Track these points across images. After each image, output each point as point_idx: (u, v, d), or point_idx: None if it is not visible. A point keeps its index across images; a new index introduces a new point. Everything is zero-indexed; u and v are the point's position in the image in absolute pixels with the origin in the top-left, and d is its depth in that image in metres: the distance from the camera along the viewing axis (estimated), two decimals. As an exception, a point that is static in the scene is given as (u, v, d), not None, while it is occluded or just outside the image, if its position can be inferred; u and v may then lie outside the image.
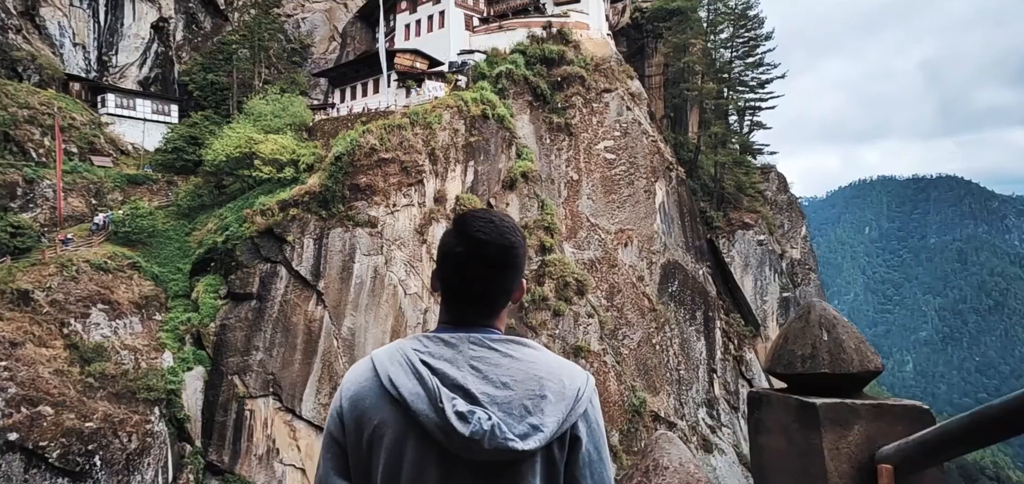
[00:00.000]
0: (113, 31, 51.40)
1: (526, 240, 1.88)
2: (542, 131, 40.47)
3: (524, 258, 1.80)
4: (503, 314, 1.82)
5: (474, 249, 1.72)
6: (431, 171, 34.10)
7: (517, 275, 1.78)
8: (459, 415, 1.53)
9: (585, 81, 41.84)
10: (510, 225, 1.78)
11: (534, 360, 1.68)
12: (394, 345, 1.74)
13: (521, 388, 1.60)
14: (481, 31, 46.05)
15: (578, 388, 1.65)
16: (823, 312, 2.95)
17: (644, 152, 42.97)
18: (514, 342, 1.72)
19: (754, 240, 50.58)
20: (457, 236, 1.75)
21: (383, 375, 1.65)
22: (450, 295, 1.78)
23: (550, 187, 40.02)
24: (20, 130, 39.79)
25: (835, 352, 2.74)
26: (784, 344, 2.94)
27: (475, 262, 1.71)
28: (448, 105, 35.74)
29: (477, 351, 1.67)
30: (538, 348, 1.74)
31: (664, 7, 53.15)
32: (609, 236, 40.74)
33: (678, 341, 42.23)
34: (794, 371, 2.84)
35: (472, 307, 1.76)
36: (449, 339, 1.70)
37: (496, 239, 1.72)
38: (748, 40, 53.64)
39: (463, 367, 1.64)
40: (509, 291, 1.79)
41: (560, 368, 1.68)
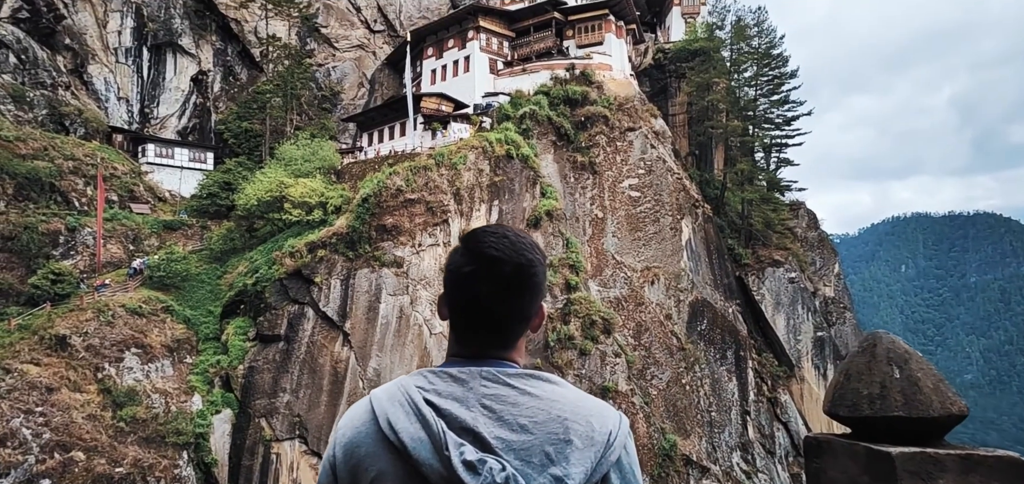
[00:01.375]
0: (155, 85, 53.73)
1: (546, 259, 1.62)
2: (566, 170, 40.59)
3: (544, 278, 1.59)
4: (521, 344, 1.60)
5: (485, 268, 1.48)
6: (456, 210, 34.34)
7: (536, 298, 1.55)
8: (467, 465, 1.30)
9: (608, 120, 42.05)
10: (528, 242, 1.56)
11: (558, 398, 1.44)
12: (396, 383, 1.52)
13: (542, 432, 1.37)
14: (505, 74, 46.88)
15: (610, 432, 1.41)
16: (892, 345, 2.56)
17: (669, 189, 42.70)
18: (535, 377, 1.49)
19: (785, 277, 49.41)
20: (466, 254, 1.53)
21: (381, 418, 1.43)
22: (460, 322, 1.55)
23: (575, 225, 39.90)
24: (65, 181, 41.43)
25: (910, 392, 2.36)
26: (846, 382, 2.58)
27: (487, 283, 1.48)
28: (473, 146, 36.19)
29: (491, 388, 1.45)
30: (562, 384, 1.51)
31: (686, 48, 53.48)
32: (635, 274, 40.25)
33: (709, 382, 41.07)
34: (860, 413, 2.47)
35: (485, 336, 1.53)
36: (458, 374, 1.48)
37: (511, 256, 1.49)
38: (772, 78, 53.47)
39: (474, 407, 1.41)
40: (527, 317, 1.55)
41: (589, 408, 1.44)
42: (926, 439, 2.41)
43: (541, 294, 1.58)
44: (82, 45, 49.88)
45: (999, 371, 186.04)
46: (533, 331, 1.63)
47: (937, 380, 2.45)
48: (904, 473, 2.21)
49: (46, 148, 41.67)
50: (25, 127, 43.07)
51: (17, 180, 38.29)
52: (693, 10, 59.77)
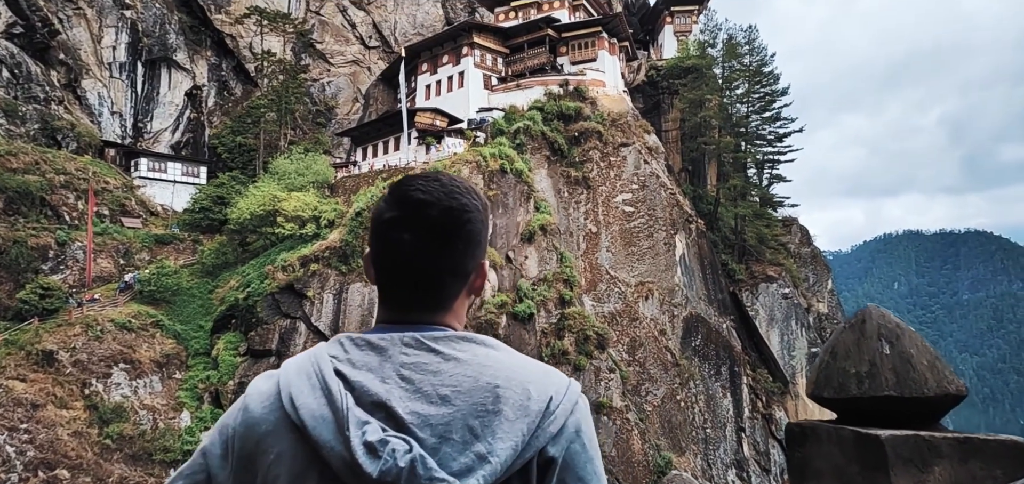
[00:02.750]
0: (149, 99, 53.65)
1: (487, 209, 1.39)
2: (560, 185, 40.67)
3: (483, 229, 1.34)
4: (459, 307, 1.36)
5: (410, 212, 1.27)
6: (450, 226, 34.25)
7: (473, 250, 1.31)
8: (368, 447, 1.09)
9: (602, 136, 42.25)
10: (464, 186, 1.33)
11: (491, 363, 1.21)
12: (310, 352, 1.30)
13: (466, 402, 1.15)
14: (499, 90, 47.11)
15: (549, 398, 1.19)
16: (883, 320, 2.30)
17: (663, 204, 42.82)
18: (466, 339, 1.26)
19: (778, 293, 49.50)
20: (389, 198, 1.31)
21: (284, 392, 1.22)
22: (384, 281, 1.32)
23: (569, 240, 39.88)
24: (55, 195, 41.11)
25: (902, 370, 2.13)
26: (832, 361, 2.31)
27: (412, 230, 1.26)
28: (467, 160, 36.22)
29: (411, 355, 1.22)
30: (500, 347, 1.27)
31: (679, 65, 53.97)
32: (629, 289, 40.20)
33: (704, 398, 40.89)
34: (847, 394, 2.22)
35: (411, 295, 1.30)
36: (376, 341, 1.25)
37: (441, 199, 1.27)
38: (764, 95, 53.97)
39: (390, 378, 1.20)
40: (463, 272, 1.32)
41: (528, 373, 1.22)
42: (920, 422, 2.21)
43: (480, 247, 1.34)
44: (76, 60, 49.84)
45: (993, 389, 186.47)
46: (475, 294, 1.40)
47: (932, 357, 2.24)
48: (896, 459, 1.99)
49: (37, 162, 41.42)
50: (16, 141, 42.83)
51: (7, 194, 38.00)
52: (685, 29, 60.44)
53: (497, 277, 35.67)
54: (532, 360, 1.29)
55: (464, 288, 1.35)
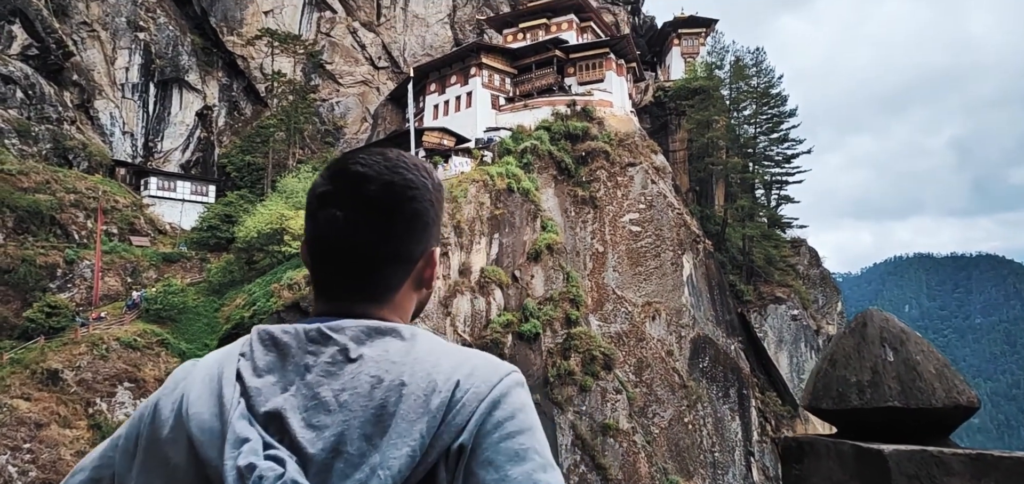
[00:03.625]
0: (160, 119, 54.36)
1: (442, 191, 1.22)
2: (567, 204, 40.64)
3: (432, 210, 1.16)
4: (403, 301, 1.17)
5: (346, 186, 1.11)
6: (456, 243, 34.23)
7: (418, 232, 1.14)
8: (238, 473, 0.92)
9: (609, 155, 42.29)
10: (411, 162, 1.15)
11: (399, 358, 1.03)
12: (229, 346, 1.14)
13: (364, 406, 0.98)
14: (507, 110, 47.37)
15: (454, 384, 1.00)
16: (885, 324, 2.14)
17: (670, 224, 42.65)
18: (376, 331, 1.07)
19: (787, 315, 48.97)
20: (326, 173, 1.15)
21: (184, 394, 1.06)
22: (314, 266, 1.15)
23: (575, 259, 39.73)
24: (65, 214, 41.48)
25: (907, 378, 1.96)
26: (830, 369, 2.14)
27: (347, 206, 1.09)
28: (474, 179, 36.30)
29: (315, 353, 1.04)
30: (420, 338, 1.08)
31: (686, 86, 54.11)
32: (636, 309, 39.90)
33: (712, 420, 40.28)
34: (847, 405, 2.04)
35: (344, 283, 1.13)
36: (281, 336, 1.07)
37: (381, 173, 1.11)
38: (772, 116, 53.94)
39: (292, 383, 1.02)
40: (406, 258, 1.14)
41: (438, 361, 1.03)
42: (927, 435, 2.03)
43: (427, 231, 1.15)
44: (89, 81, 50.64)
45: (1007, 415, 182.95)
46: (426, 288, 1.21)
47: (941, 364, 2.07)
48: (900, 476, 1.81)
49: (48, 181, 41.88)
50: (29, 161, 43.37)
51: (17, 213, 38.36)
52: (692, 51, 60.71)
53: (503, 296, 35.51)
54: (456, 349, 1.08)
55: (408, 278, 1.16)
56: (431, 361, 1.03)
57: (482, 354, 1.10)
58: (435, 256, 1.20)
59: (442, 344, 1.10)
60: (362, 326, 1.07)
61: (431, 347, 1.07)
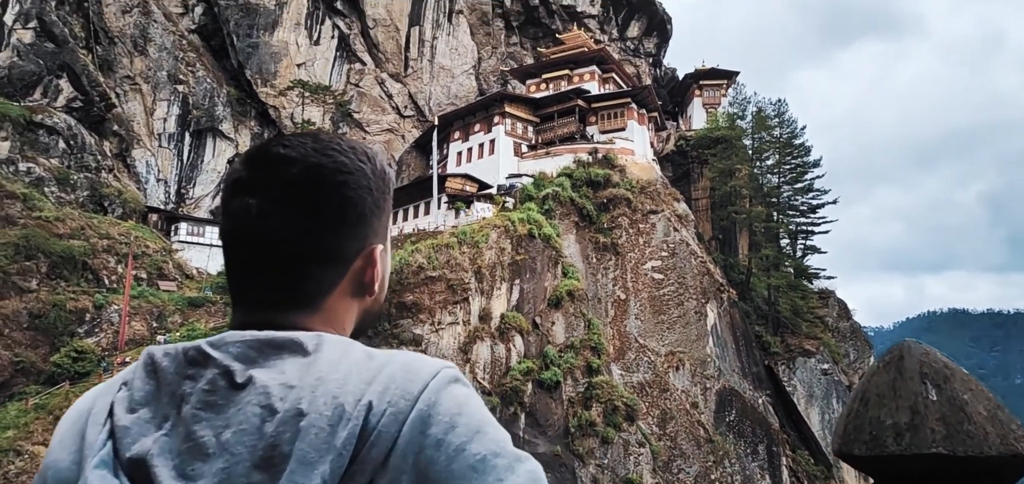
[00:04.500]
0: (193, 167, 56.18)
1: (387, 179, 1.03)
2: (588, 250, 40.45)
3: (371, 200, 0.97)
4: (333, 305, 0.96)
5: (265, 171, 0.93)
6: (477, 289, 34.13)
7: (351, 226, 0.95)
8: None
9: (631, 203, 42.24)
10: (344, 144, 0.97)
11: (293, 379, 0.82)
12: (117, 375, 0.94)
13: (250, 447, 0.77)
14: (529, 156, 47.92)
15: (367, 407, 0.80)
16: (926, 357, 1.89)
17: (693, 273, 42.06)
18: (271, 346, 0.86)
19: (817, 368, 47.39)
20: (242, 158, 0.97)
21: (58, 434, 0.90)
22: (229, 267, 0.97)
23: (597, 307, 39.25)
24: (97, 259, 42.48)
25: (954, 421, 1.70)
26: (863, 409, 1.88)
27: (261, 194, 0.91)
28: (495, 225, 36.46)
29: (192, 380, 0.83)
30: (321, 347, 0.86)
31: (708, 135, 54.28)
32: (659, 358, 39.02)
33: (740, 478, 38.63)
34: (883, 451, 1.76)
35: (260, 286, 0.93)
36: (161, 360, 0.86)
37: (306, 154, 0.92)
38: (795, 167, 53.62)
39: (166, 420, 0.83)
40: (335, 256, 0.95)
41: (346, 379, 0.82)
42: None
43: (364, 224, 0.96)
44: (128, 131, 52.78)
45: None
46: (368, 294, 1.01)
47: (993, 406, 1.79)
48: None
49: (83, 228, 43.10)
50: (66, 208, 44.81)
51: (52, 259, 39.35)
52: (714, 101, 61.16)
53: (523, 343, 35.07)
54: (379, 356, 0.86)
55: (341, 280, 0.96)
56: (337, 379, 0.81)
57: (402, 356, 0.87)
58: (376, 255, 0.99)
59: (354, 352, 0.86)
60: (251, 340, 0.85)
61: (338, 359, 0.84)
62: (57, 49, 48.55)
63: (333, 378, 0.81)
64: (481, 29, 62.00)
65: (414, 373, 0.83)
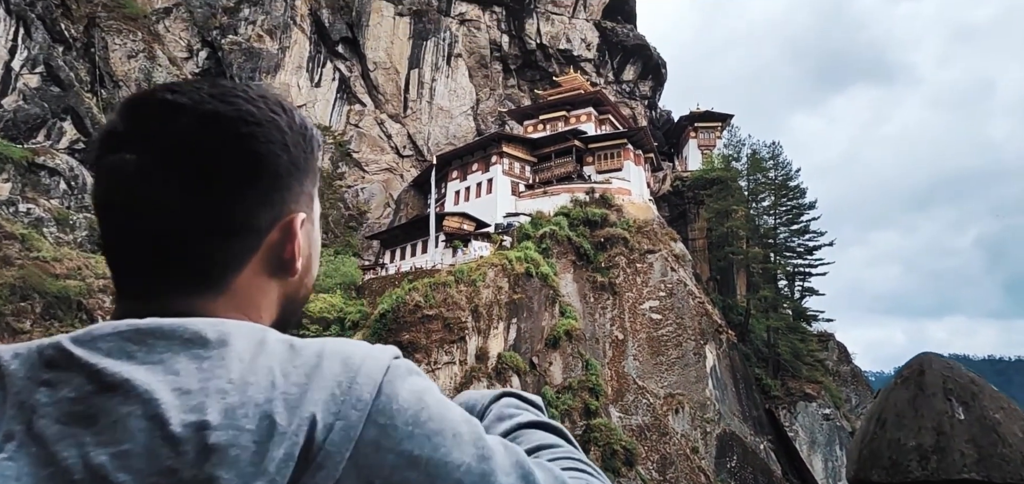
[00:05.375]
0: (191, 203, 56.36)
1: (310, 135, 0.82)
2: (586, 289, 40.29)
3: (289, 158, 0.77)
4: (243, 286, 0.77)
5: (146, 121, 0.72)
6: (474, 328, 33.80)
7: (264, 188, 0.75)
8: None
9: (628, 242, 42.30)
10: (252, 92, 0.77)
11: (190, 381, 0.62)
12: None
13: (134, 471, 0.57)
14: (526, 196, 48.18)
15: (310, 418, 0.62)
16: (950, 372, 1.73)
17: (691, 313, 41.81)
18: (156, 335, 0.65)
19: (818, 413, 46.70)
20: (119, 107, 0.77)
21: None
22: (105, 248, 0.76)
23: (595, 347, 38.86)
24: (92, 299, 42.07)
25: (985, 443, 1.52)
26: (880, 431, 1.69)
27: (144, 149, 0.71)
28: (492, 263, 36.36)
29: (50, 387, 0.62)
30: (227, 340, 0.66)
31: (704, 176, 54.73)
32: (658, 401, 38.45)
33: (743, 526, 37.61)
34: (907, 477, 1.57)
35: (148, 266, 0.73)
36: (11, 363, 0.65)
37: (200, 102, 0.73)
38: (791, 208, 53.91)
39: (11, 439, 0.60)
40: (243, 225, 0.75)
41: (271, 380, 0.64)
42: None
43: (280, 187, 0.77)
44: (129, 165, 53.04)
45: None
46: (288, 273, 0.81)
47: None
48: None
49: (80, 267, 42.85)
50: (64, 248, 44.69)
51: (46, 299, 39.07)
52: (709, 143, 61.89)
53: (520, 383, 34.54)
54: (306, 348, 0.67)
55: (252, 255, 0.76)
56: (259, 382, 0.62)
57: (337, 347, 0.68)
58: (296, 226, 0.79)
59: (271, 344, 0.67)
60: (127, 331, 0.64)
61: (253, 353, 0.65)
62: (62, 93, 49.23)
63: (253, 381, 0.62)
64: (479, 72, 63.13)
65: (360, 371, 0.66)
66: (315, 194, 0.85)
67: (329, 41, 58.76)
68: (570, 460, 0.79)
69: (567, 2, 63.87)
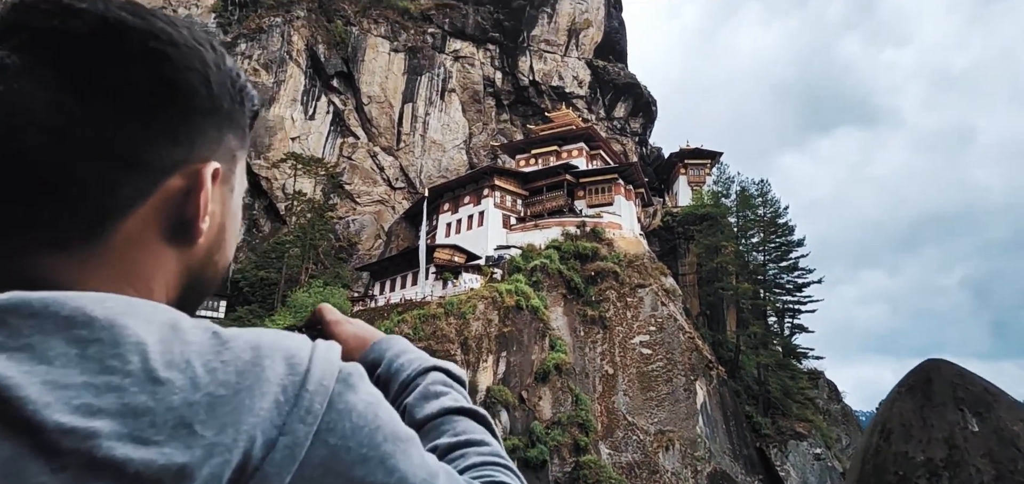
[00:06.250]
0: (180, 232, 55.94)
1: (234, 72, 0.66)
2: (576, 323, 40.15)
3: (210, 92, 0.62)
4: (121, 242, 0.57)
5: (32, 17, 0.55)
6: (463, 361, 33.49)
7: (169, 119, 0.58)
8: None
9: (618, 276, 42.37)
10: (176, 19, 0.63)
11: (72, 377, 0.44)
12: None
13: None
14: (518, 229, 48.33)
15: (249, 437, 0.48)
16: (960, 380, 1.58)
17: (681, 348, 41.69)
18: (30, 316, 0.46)
19: (809, 453, 46.30)
20: (10, 5, 0.59)
21: None
22: None
23: (585, 381, 38.56)
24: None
25: (1004, 457, 1.37)
26: (884, 444, 1.56)
27: (20, 48, 0.54)
28: (483, 296, 36.24)
29: None
30: (114, 322, 0.47)
31: (694, 212, 55.24)
32: (648, 437, 38.01)
33: (735, 567, 36.88)
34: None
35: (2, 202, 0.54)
36: None
37: (107, 11, 0.56)
38: (780, 245, 54.39)
39: None
40: (134, 158, 0.56)
41: (195, 381, 0.48)
42: None
43: (190, 121, 0.61)
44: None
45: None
46: (190, 242, 0.62)
47: None
48: None
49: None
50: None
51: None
52: (699, 180, 62.66)
53: (509, 418, 34.13)
54: (237, 338, 0.53)
55: (141, 202, 0.57)
56: (171, 379, 0.48)
57: (273, 340, 0.54)
58: (205, 176, 0.61)
59: (187, 329, 0.51)
60: None
61: (163, 339, 0.49)
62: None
63: (164, 378, 0.47)
64: (472, 107, 63.94)
65: (310, 376, 0.52)
66: (241, 158, 0.69)
67: (324, 75, 59.42)
68: (495, 463, 0.73)
69: (560, 41, 65.21)
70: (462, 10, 64.90)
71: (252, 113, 0.71)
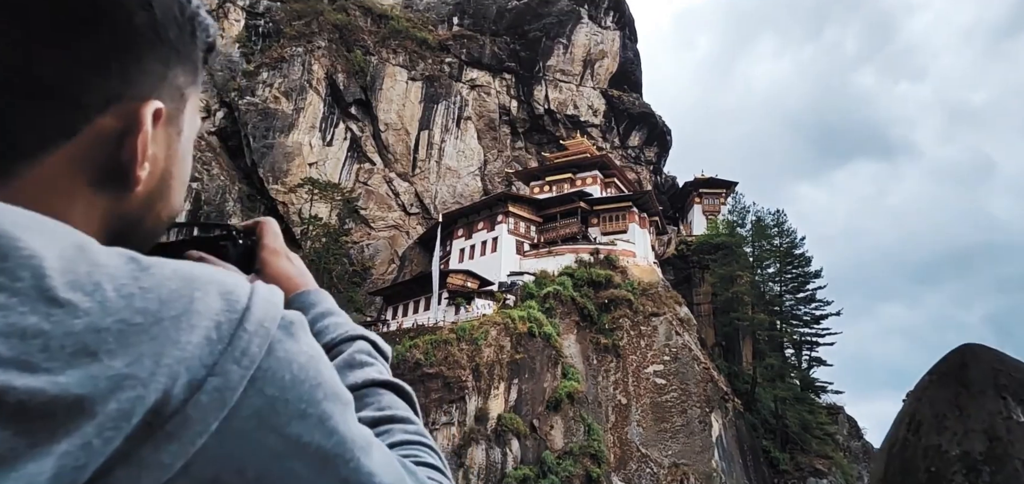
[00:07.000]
0: (198, 257, 56.79)
1: (199, 15, 0.58)
2: (589, 351, 39.74)
3: (155, 22, 0.53)
4: (37, 179, 0.49)
5: None
6: (474, 388, 33.24)
7: (96, 43, 0.50)
8: None
9: (632, 304, 41.99)
10: None
11: None
12: None
13: None
14: (531, 255, 48.25)
15: (171, 372, 0.42)
16: (1001, 366, 1.36)
17: (696, 379, 40.99)
18: None
19: (830, 490, 44.99)
20: None
21: None
22: None
23: (597, 410, 38.00)
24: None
25: None
26: (913, 438, 1.34)
27: None
28: (495, 322, 36.09)
29: None
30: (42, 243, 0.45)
31: (709, 241, 54.76)
32: (662, 470, 37.19)
33: None
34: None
35: None
36: None
37: None
38: (797, 276, 53.59)
39: None
40: (58, 89, 0.49)
41: (108, 306, 0.42)
42: None
43: (128, 52, 0.52)
44: (139, 216, 53.81)
45: None
46: (124, 189, 0.54)
47: None
48: None
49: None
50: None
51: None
52: (714, 209, 62.28)
53: (520, 447, 33.67)
54: (162, 267, 0.46)
55: (62, 143, 0.50)
56: (76, 302, 0.41)
57: (206, 273, 0.47)
58: (144, 116, 0.54)
59: (96, 251, 0.44)
60: None
61: (68, 258, 0.42)
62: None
63: (65, 300, 0.40)
64: (488, 134, 64.51)
65: (250, 315, 0.46)
66: (191, 96, 0.61)
67: (342, 103, 60.47)
68: (421, 443, 0.66)
69: (575, 71, 65.83)
70: (479, 41, 65.94)
71: (206, 46, 0.61)
